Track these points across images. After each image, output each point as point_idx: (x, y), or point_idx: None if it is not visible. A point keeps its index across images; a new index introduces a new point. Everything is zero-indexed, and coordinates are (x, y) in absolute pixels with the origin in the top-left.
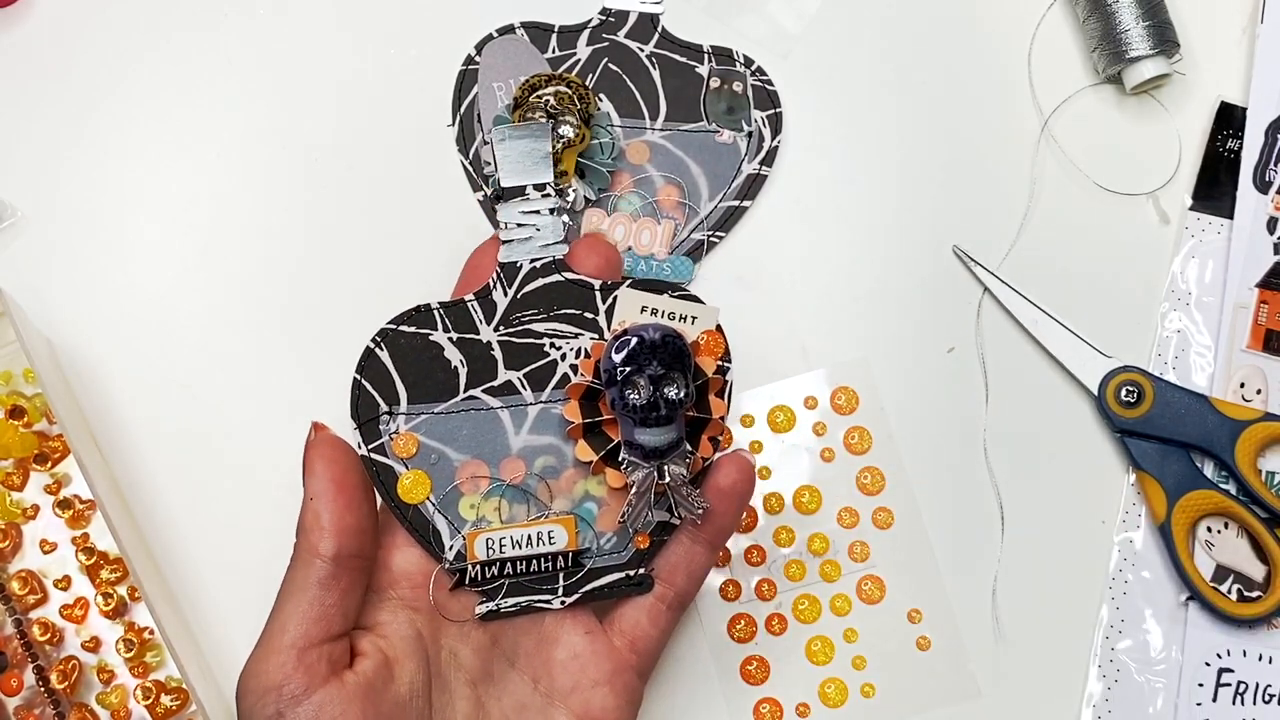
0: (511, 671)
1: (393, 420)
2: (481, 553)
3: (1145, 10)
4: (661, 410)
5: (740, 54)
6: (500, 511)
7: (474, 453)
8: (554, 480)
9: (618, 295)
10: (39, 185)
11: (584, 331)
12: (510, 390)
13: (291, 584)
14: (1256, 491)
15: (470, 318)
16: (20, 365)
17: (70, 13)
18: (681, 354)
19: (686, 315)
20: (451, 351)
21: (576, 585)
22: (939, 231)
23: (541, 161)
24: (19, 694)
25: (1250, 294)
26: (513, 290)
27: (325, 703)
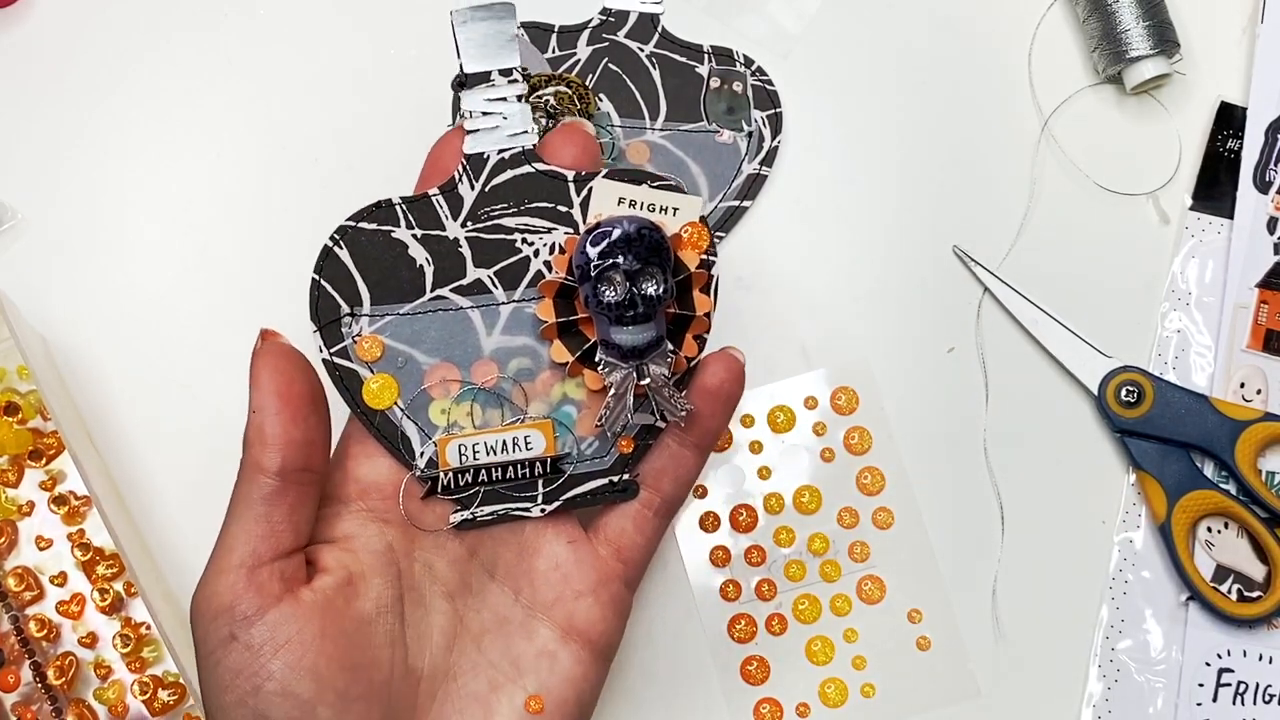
0: (491, 583)
1: (355, 322)
2: (454, 459)
3: (1145, 10)
4: (639, 307)
5: (740, 54)
6: (473, 416)
7: (443, 355)
8: (529, 383)
9: (593, 186)
10: (38, 185)
11: (558, 226)
12: (480, 289)
13: (237, 502)
14: (1256, 491)
15: (435, 213)
16: (14, 362)
17: (70, 13)
18: (659, 247)
19: (667, 206)
20: (416, 249)
21: (556, 492)
22: (939, 231)
23: (507, 45)
24: (16, 690)
25: (1250, 294)
26: (480, 183)
27: (280, 621)
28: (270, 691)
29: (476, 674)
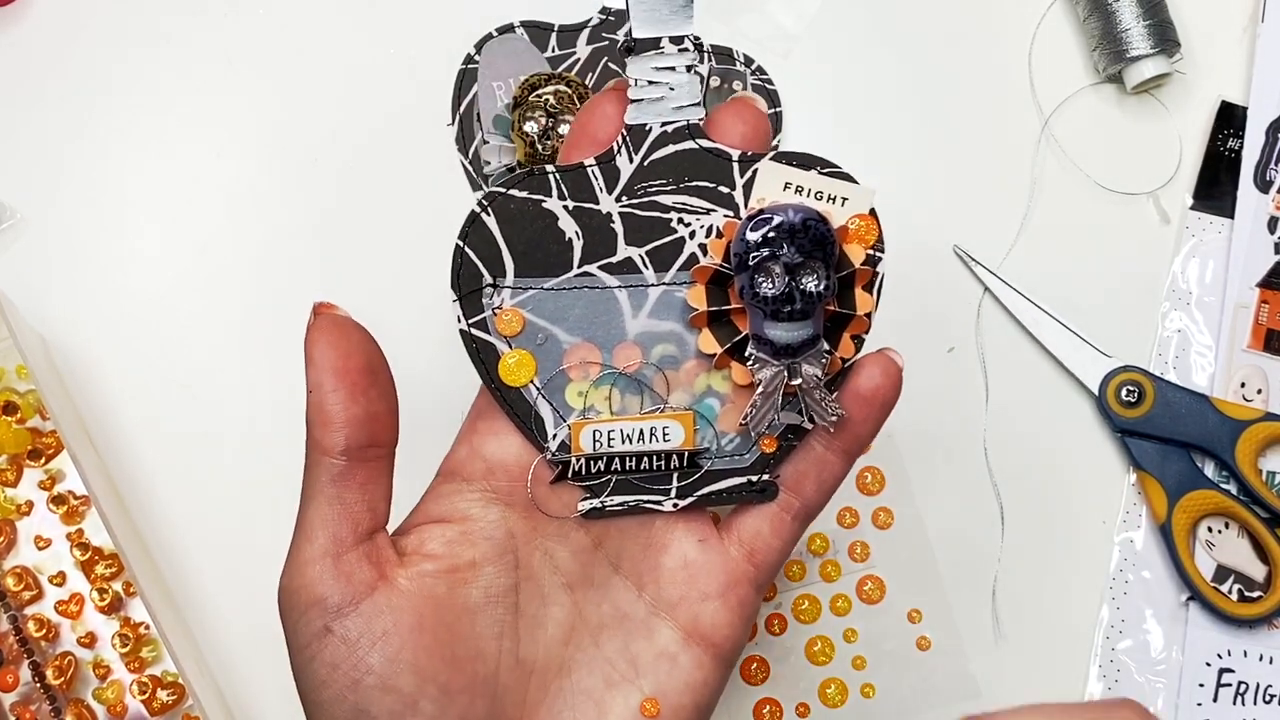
0: (614, 577)
1: (497, 294)
2: (588, 445)
3: (1146, 9)
4: (796, 303)
5: (740, 54)
6: (611, 402)
7: (585, 335)
8: (673, 371)
9: (759, 168)
10: (37, 185)
11: (717, 207)
12: (630, 268)
13: (309, 487)
14: (1257, 491)
15: (589, 184)
16: (14, 362)
17: (69, 12)
18: (824, 240)
19: (836, 196)
20: (566, 221)
21: (691, 488)
22: (939, 231)
23: (681, 11)
24: (15, 690)
25: (1251, 294)
26: (639, 156)
27: (375, 612)
28: (370, 686)
29: (592, 670)
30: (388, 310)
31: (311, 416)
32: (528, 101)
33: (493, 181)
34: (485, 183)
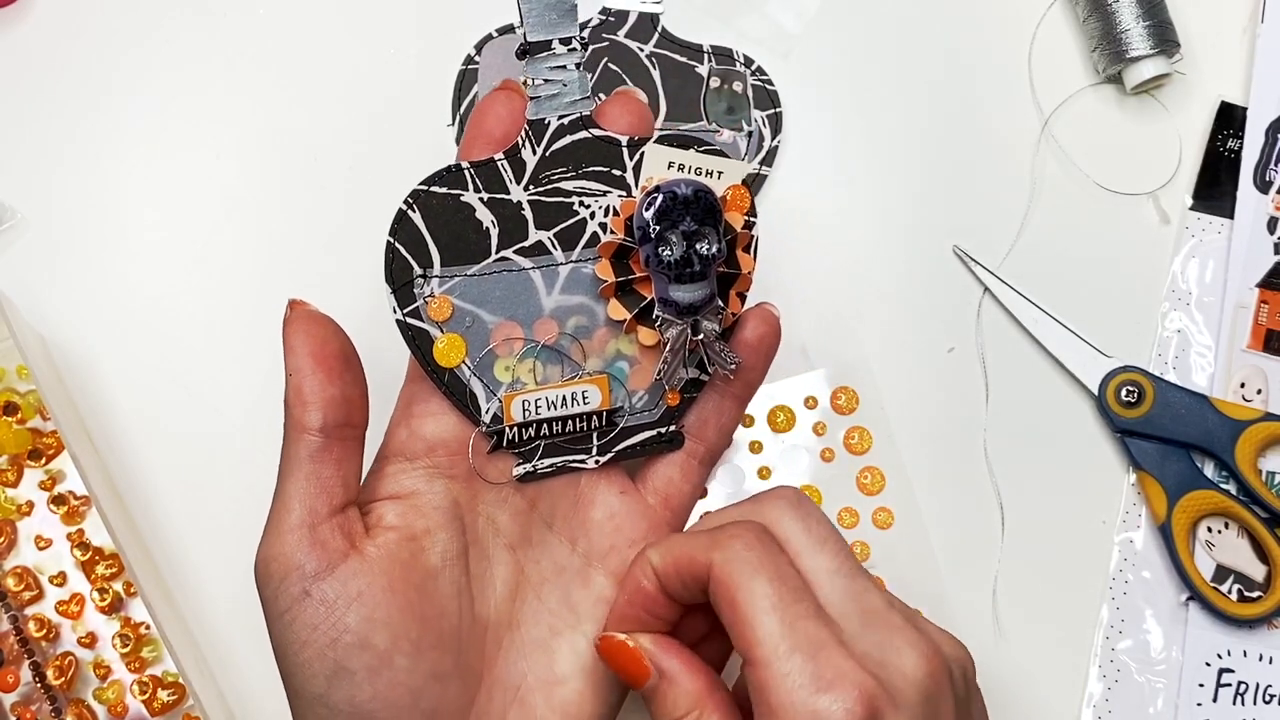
0: (549, 534)
1: (427, 283)
2: (518, 414)
3: (1145, 10)
4: (695, 265)
5: (740, 54)
6: (535, 373)
7: (507, 314)
8: (586, 340)
9: (645, 151)
10: (38, 185)
11: (612, 189)
12: (541, 250)
13: (287, 462)
14: (1257, 492)
15: (500, 177)
16: (14, 362)
17: (69, 13)
18: (713, 209)
19: (714, 170)
20: (483, 212)
21: (610, 444)
22: (939, 231)
23: (568, 15)
24: (15, 690)
25: (1251, 294)
26: (541, 148)
27: (349, 576)
28: (348, 644)
29: (538, 621)
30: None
31: (291, 398)
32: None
33: None
34: None
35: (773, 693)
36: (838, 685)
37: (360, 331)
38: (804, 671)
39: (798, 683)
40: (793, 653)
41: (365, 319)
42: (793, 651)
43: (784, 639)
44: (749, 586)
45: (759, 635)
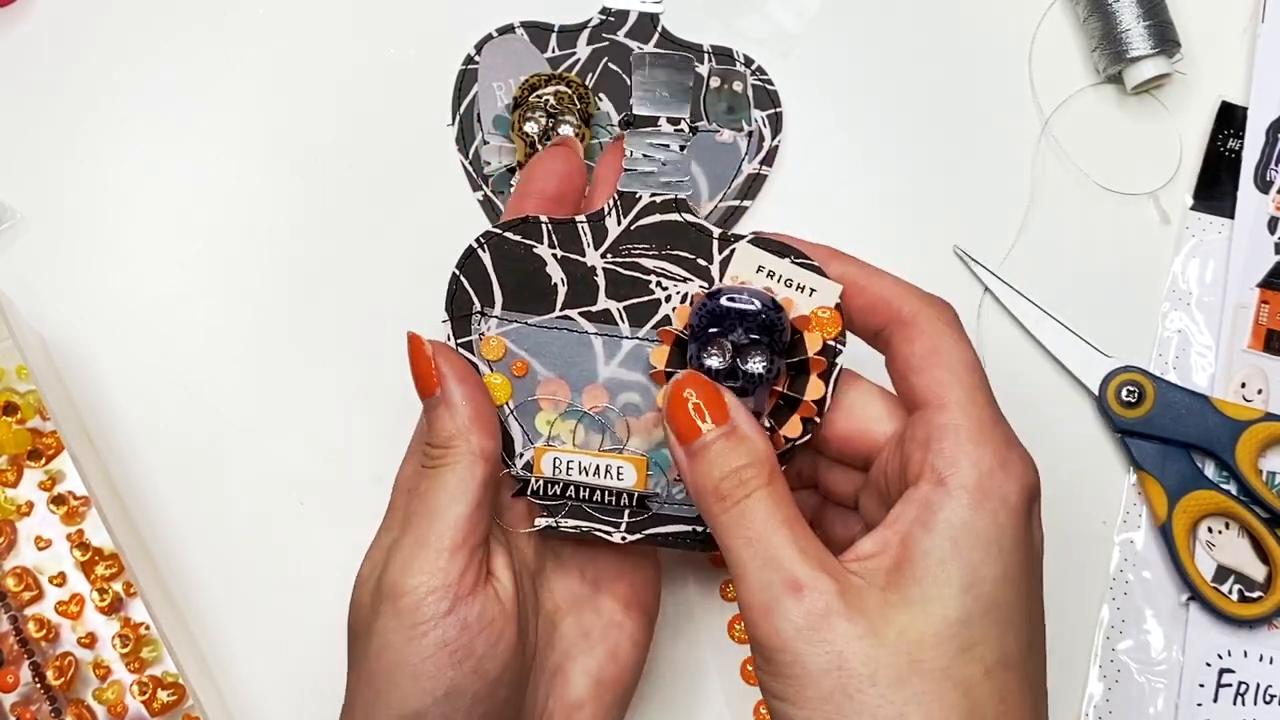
0: (560, 566)
1: (485, 320)
2: (548, 469)
3: (1146, 10)
4: (738, 380)
5: (740, 53)
6: (575, 435)
7: (560, 371)
8: (635, 419)
9: (735, 249)
10: (37, 185)
11: (694, 277)
12: (607, 319)
13: (455, 488)
14: (1257, 492)
15: (579, 238)
16: (13, 362)
17: (70, 13)
18: (773, 328)
19: (805, 285)
20: (554, 268)
21: (640, 525)
22: (939, 231)
23: (680, 95)
24: (15, 690)
25: (1251, 294)
26: (627, 220)
27: (486, 604)
28: (469, 670)
29: (552, 648)
30: (384, 308)
31: (462, 424)
32: (528, 102)
33: (493, 182)
34: (485, 183)
35: (963, 429)
36: (1021, 450)
37: (359, 331)
38: (996, 425)
39: (990, 430)
40: (987, 407)
41: (364, 319)
42: (987, 406)
43: (981, 393)
44: (955, 342)
45: (957, 381)
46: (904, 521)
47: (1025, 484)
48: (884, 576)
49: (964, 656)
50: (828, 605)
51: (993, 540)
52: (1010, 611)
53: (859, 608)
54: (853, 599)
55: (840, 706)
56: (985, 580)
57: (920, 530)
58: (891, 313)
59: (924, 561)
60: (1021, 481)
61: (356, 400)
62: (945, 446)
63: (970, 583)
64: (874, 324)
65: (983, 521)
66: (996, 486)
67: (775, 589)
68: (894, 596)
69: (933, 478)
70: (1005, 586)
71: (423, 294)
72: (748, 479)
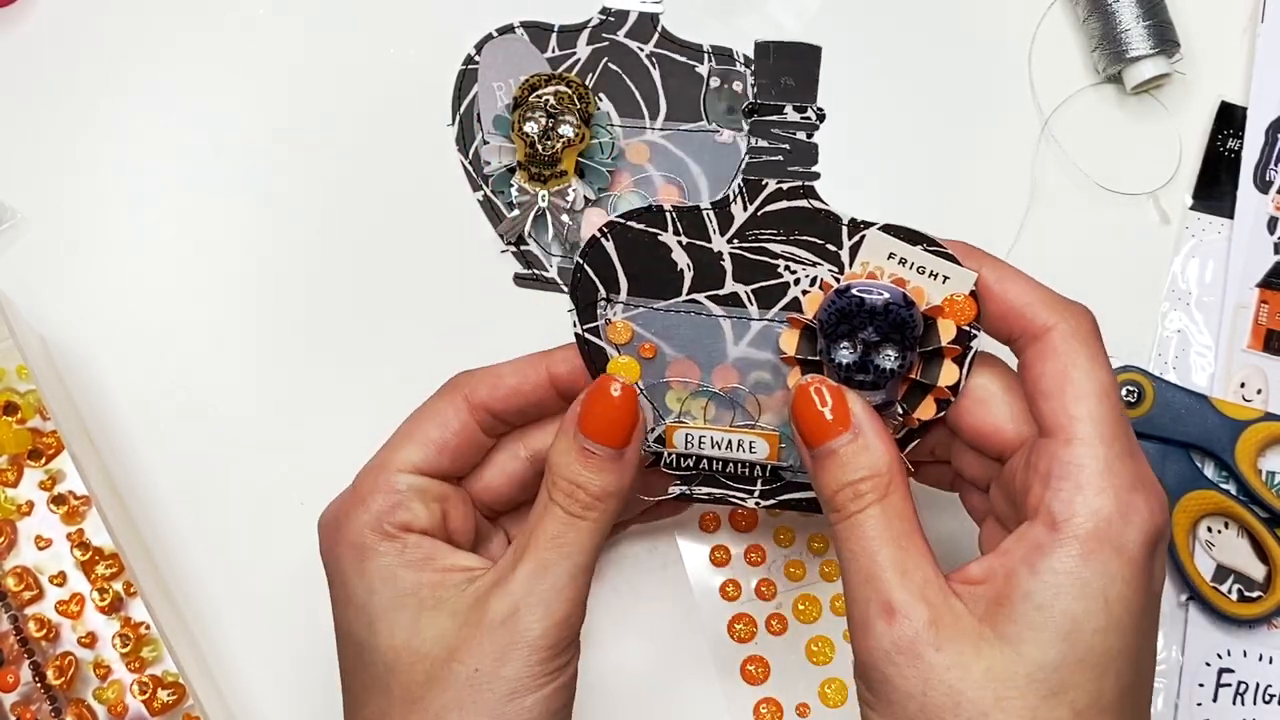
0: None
1: (610, 306)
2: (680, 444)
3: (1145, 10)
4: (869, 374)
5: (740, 54)
6: (706, 412)
7: (688, 353)
8: (765, 396)
9: (866, 235)
10: (38, 185)
11: (823, 262)
12: (735, 301)
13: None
14: (1257, 491)
15: (704, 225)
16: (14, 362)
17: (70, 13)
18: (904, 325)
19: (938, 273)
20: (679, 254)
21: (774, 492)
22: (939, 231)
23: (806, 83)
24: (15, 690)
25: (1251, 294)
26: (753, 207)
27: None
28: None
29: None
30: (384, 308)
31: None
32: (528, 102)
33: (493, 182)
34: (485, 183)
35: (1086, 470)
36: (1151, 490)
37: (359, 330)
38: (1124, 463)
39: (1117, 470)
40: (1115, 442)
41: (364, 319)
42: (1115, 441)
43: (1110, 427)
44: (1089, 366)
45: (1086, 414)
46: (1012, 557)
47: (1148, 531)
48: (984, 606)
49: (1053, 700)
50: (917, 634)
51: (1098, 591)
52: (1110, 658)
53: (950, 638)
54: (945, 628)
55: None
56: (1085, 630)
57: (1026, 571)
58: (1024, 323)
59: (1024, 604)
60: (1144, 529)
61: (356, 399)
62: (1064, 489)
63: (1068, 631)
64: (1006, 332)
65: (1090, 573)
66: (1114, 535)
67: (871, 608)
68: (989, 631)
69: (1047, 520)
70: (1108, 635)
71: (423, 293)
72: (864, 492)
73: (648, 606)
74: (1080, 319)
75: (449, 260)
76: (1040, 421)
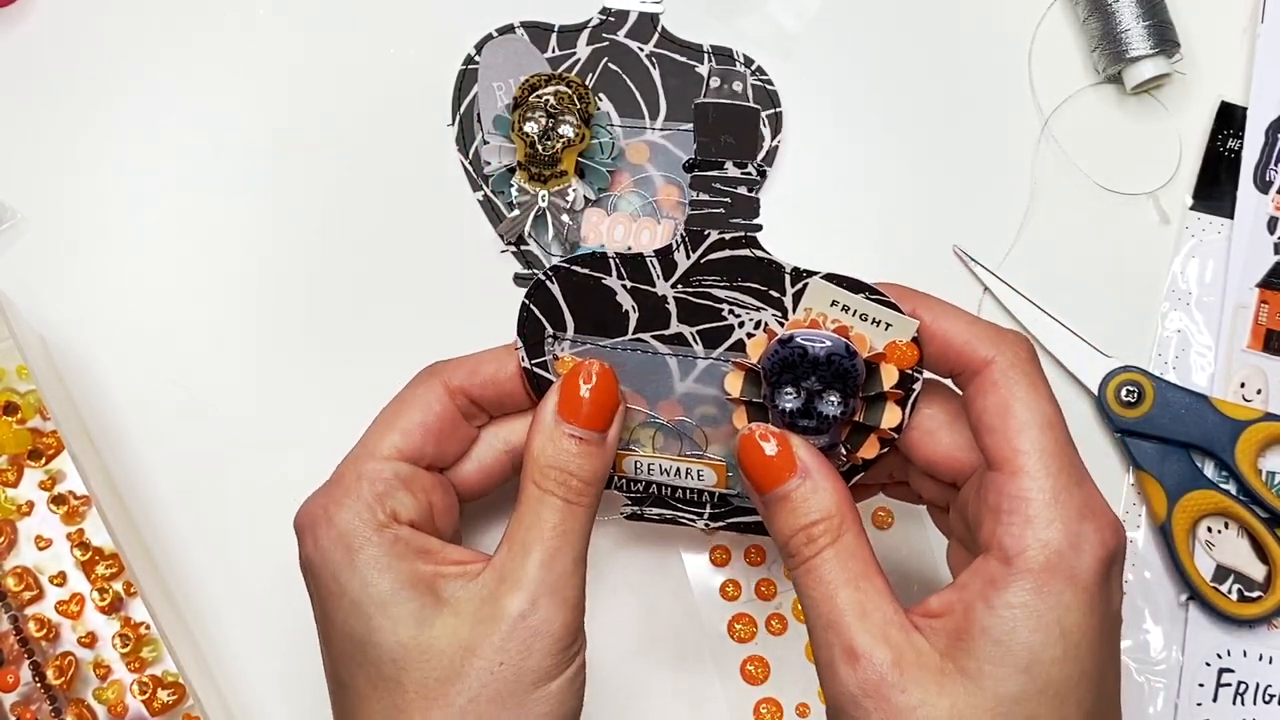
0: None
1: (558, 343)
2: (630, 470)
3: (1145, 10)
4: (812, 420)
5: (740, 54)
6: (654, 441)
7: (635, 387)
8: (712, 429)
9: (809, 284)
10: (38, 185)
11: (767, 308)
12: (681, 341)
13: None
14: (1257, 491)
15: (647, 271)
16: (14, 362)
17: (70, 13)
18: (846, 375)
19: (880, 320)
20: (624, 297)
21: (723, 516)
22: (939, 231)
23: (746, 141)
24: (15, 690)
25: (1251, 294)
26: (696, 255)
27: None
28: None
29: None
30: (385, 308)
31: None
32: (528, 102)
33: (493, 182)
34: (485, 183)
35: (1033, 503)
36: (1100, 517)
37: (358, 330)
38: (1070, 493)
39: (1064, 501)
40: (1061, 473)
41: (364, 319)
42: (1061, 472)
43: (1054, 458)
44: (1028, 398)
45: (1030, 446)
46: (969, 592)
47: (1100, 556)
48: (945, 640)
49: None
50: (881, 677)
51: (1053, 622)
52: (1070, 686)
53: (914, 678)
54: (909, 668)
55: None
56: (1044, 661)
57: (982, 606)
58: (964, 359)
59: (982, 639)
60: (1095, 555)
61: (356, 399)
62: (1014, 523)
63: (1028, 663)
64: (947, 369)
65: (1045, 605)
66: (1065, 566)
67: (835, 653)
68: (950, 666)
69: (1000, 554)
70: (1066, 664)
71: (423, 293)
72: (817, 536)
73: (648, 607)
74: (1017, 349)
75: (449, 260)
76: (986, 455)
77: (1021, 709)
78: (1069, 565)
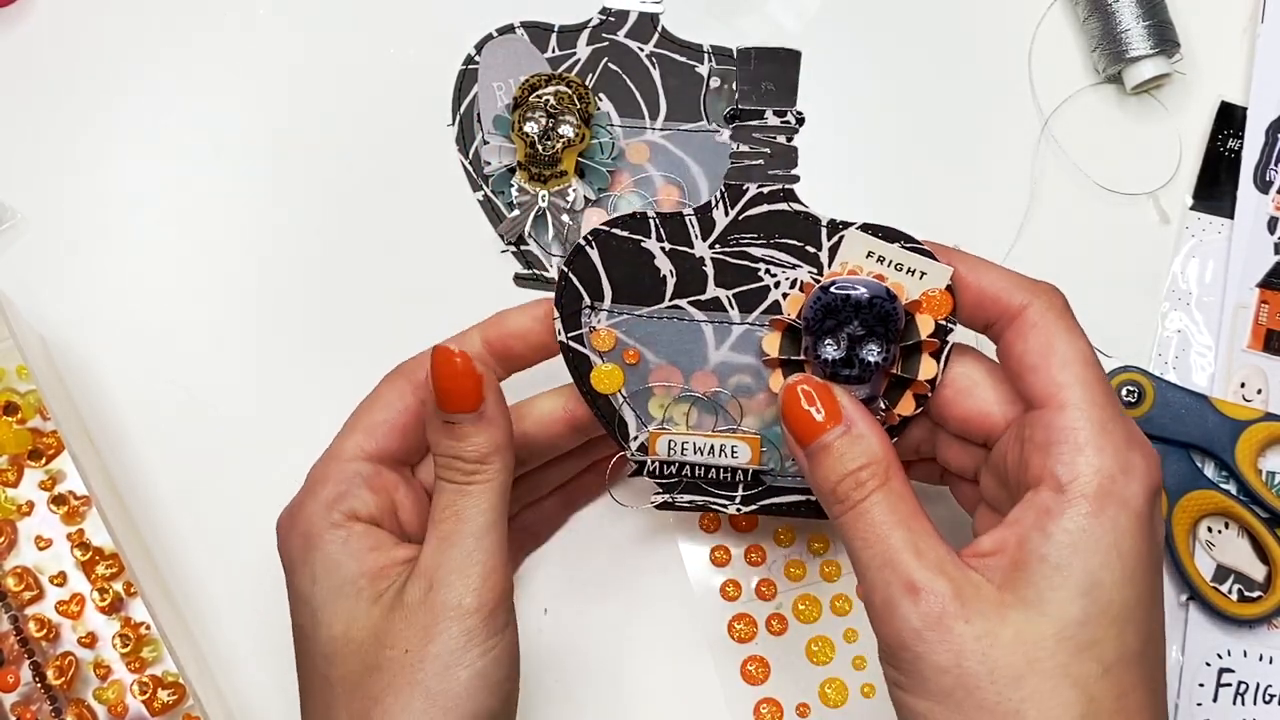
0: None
1: (595, 314)
2: (663, 451)
3: (1145, 10)
4: (854, 368)
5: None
6: (688, 418)
7: (670, 359)
8: (746, 399)
9: (844, 235)
10: (38, 185)
11: (802, 264)
12: (717, 306)
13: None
14: (1257, 491)
15: (686, 231)
16: (14, 362)
17: (70, 13)
18: (888, 318)
19: (916, 269)
20: (662, 260)
21: (755, 498)
22: (939, 231)
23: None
24: (15, 690)
25: (1251, 294)
26: (734, 212)
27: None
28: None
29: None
30: (385, 308)
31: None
32: (528, 102)
33: (493, 182)
34: (485, 183)
35: (1082, 432)
36: (1145, 447)
37: (358, 330)
38: (1117, 423)
39: (1111, 430)
40: (1107, 404)
41: (364, 318)
42: (1107, 404)
43: (1099, 391)
44: (1068, 336)
45: (1074, 379)
46: (1023, 525)
47: (1148, 484)
48: (1001, 575)
49: (1082, 655)
50: (944, 608)
51: (1112, 545)
52: (1130, 609)
53: (976, 608)
54: (969, 600)
55: (960, 702)
56: (1104, 584)
57: (1038, 535)
58: (1000, 307)
59: (1041, 566)
60: (1144, 483)
61: (356, 399)
62: (1065, 452)
63: (1089, 586)
64: (983, 318)
65: (1101, 528)
66: (1118, 491)
67: (894, 590)
68: (1009, 597)
69: (1053, 484)
70: (1125, 587)
71: (423, 293)
72: (864, 480)
73: (648, 607)
74: (1053, 296)
75: (449, 260)
76: (1029, 395)
77: (1085, 632)
78: (1122, 490)
